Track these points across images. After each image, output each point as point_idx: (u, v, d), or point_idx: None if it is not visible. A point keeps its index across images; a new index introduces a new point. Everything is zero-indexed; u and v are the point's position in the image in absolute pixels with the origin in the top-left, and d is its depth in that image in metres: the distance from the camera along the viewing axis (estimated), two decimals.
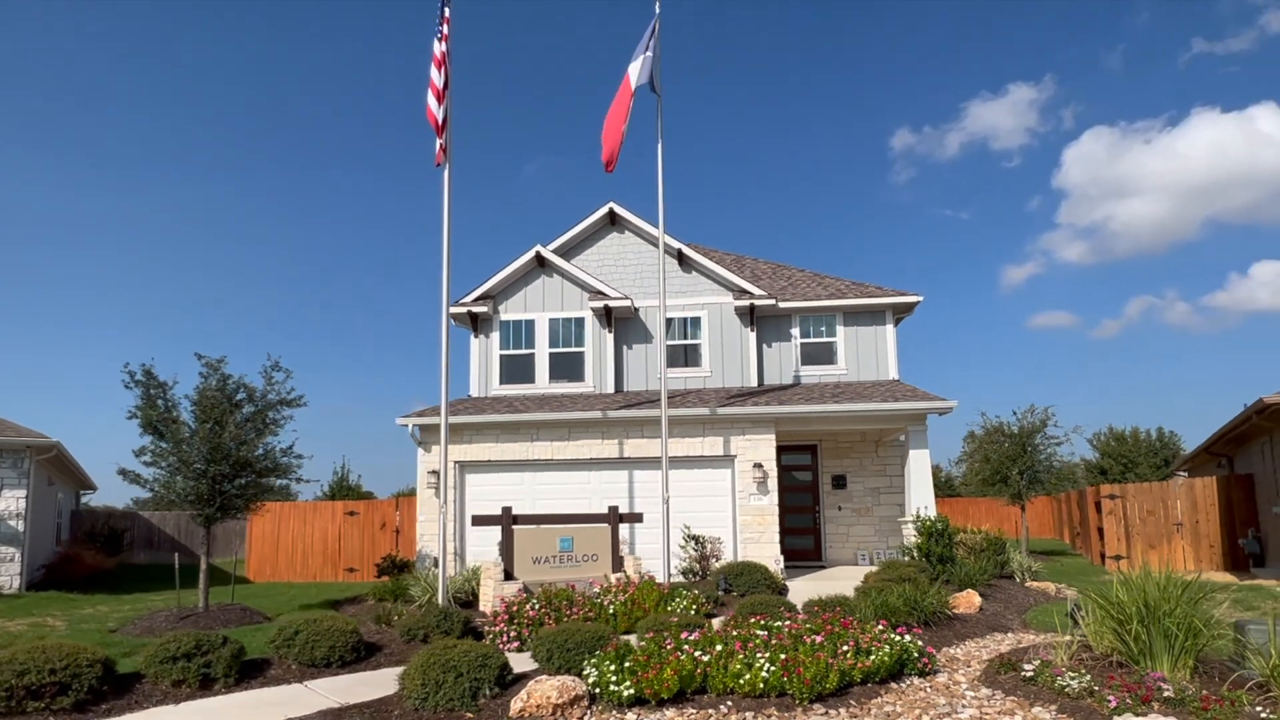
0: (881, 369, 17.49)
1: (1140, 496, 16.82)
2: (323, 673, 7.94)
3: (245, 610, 12.16)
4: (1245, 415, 13.08)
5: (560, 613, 9.50)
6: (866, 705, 6.47)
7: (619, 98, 13.05)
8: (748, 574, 11.63)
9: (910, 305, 17.76)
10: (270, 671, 7.85)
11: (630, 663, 6.57)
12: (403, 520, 18.57)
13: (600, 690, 6.49)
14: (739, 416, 14.61)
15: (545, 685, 6.44)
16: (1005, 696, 6.61)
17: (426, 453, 15.13)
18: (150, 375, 11.95)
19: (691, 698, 6.55)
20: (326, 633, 8.12)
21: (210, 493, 11.79)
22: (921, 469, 14.43)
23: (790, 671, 6.47)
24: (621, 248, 18.51)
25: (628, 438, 14.95)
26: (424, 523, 14.83)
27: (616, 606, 9.88)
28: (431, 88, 11.69)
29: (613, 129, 12.98)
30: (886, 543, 16.84)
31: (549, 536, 11.39)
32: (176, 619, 11.39)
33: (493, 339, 17.90)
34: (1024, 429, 20.97)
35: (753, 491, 14.38)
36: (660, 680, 6.40)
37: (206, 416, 11.81)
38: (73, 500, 26.28)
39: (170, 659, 7.23)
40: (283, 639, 8.11)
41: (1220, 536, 16.15)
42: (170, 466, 11.93)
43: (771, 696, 6.53)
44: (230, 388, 12.15)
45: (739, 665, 6.64)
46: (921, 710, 6.30)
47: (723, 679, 6.59)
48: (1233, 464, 18.19)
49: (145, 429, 11.83)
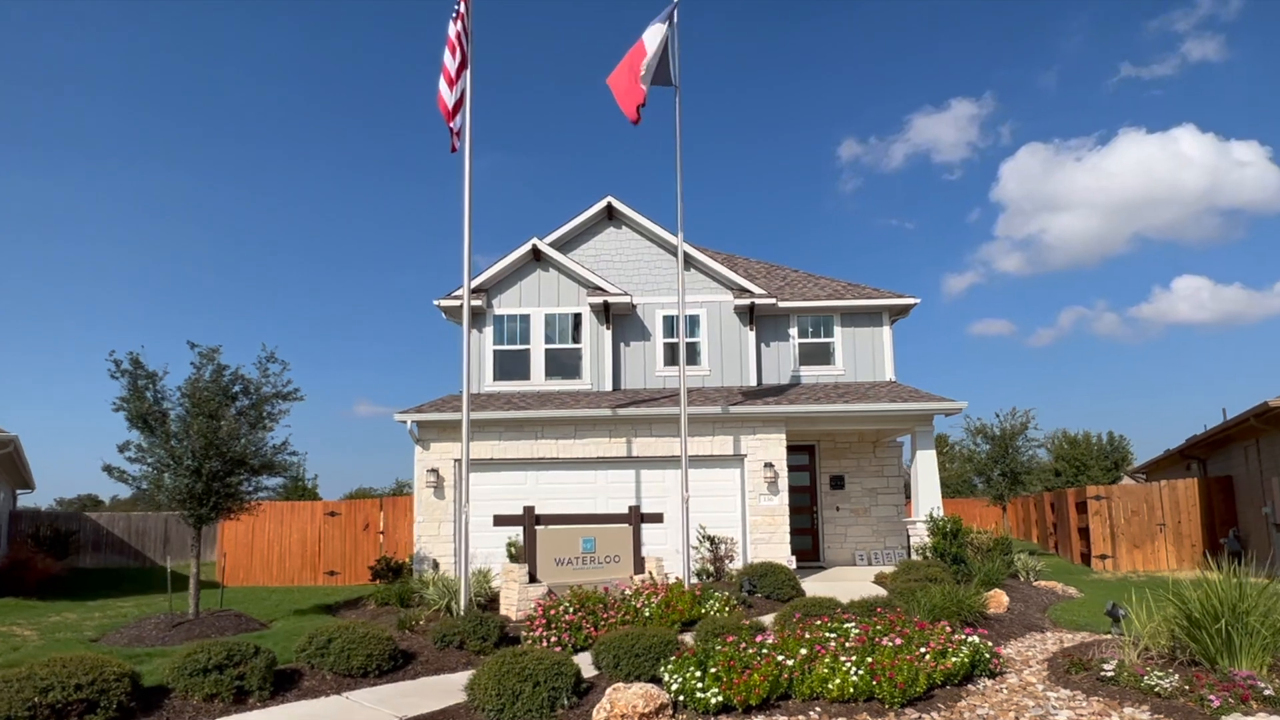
0: (878, 370, 17.56)
1: (1125, 497, 17.28)
2: (359, 683, 7.40)
3: (239, 617, 11.40)
4: (1242, 418, 13.51)
5: (596, 616, 9.12)
6: (955, 708, 6.31)
7: (632, 55, 12.55)
8: (771, 575, 11.43)
9: (906, 307, 17.88)
10: (304, 683, 7.27)
11: (715, 668, 6.26)
12: (387, 522, 17.83)
13: (685, 697, 6.17)
14: (750, 415, 14.44)
15: (627, 693, 6.08)
16: (1088, 696, 6.52)
17: (425, 450, 14.50)
18: (138, 364, 11.10)
19: (776, 704, 6.28)
20: (362, 640, 7.57)
21: (205, 491, 11.00)
22: (929, 469, 14.48)
23: (881, 675, 6.27)
24: (619, 243, 18.17)
25: (635, 436, 14.62)
26: (422, 524, 14.20)
27: (652, 609, 9.55)
28: (444, 72, 11.17)
29: (629, 82, 12.48)
30: (884, 543, 16.89)
31: (571, 537, 10.98)
32: (168, 626, 10.58)
33: (486, 334, 17.34)
34: (1005, 431, 21.46)
35: (763, 491, 14.21)
36: (750, 686, 6.12)
37: (200, 409, 11.02)
38: (11, 500, 24.53)
39: (201, 671, 6.62)
40: (314, 648, 7.53)
41: (1201, 536, 16.69)
42: (158, 462, 11.10)
43: (859, 701, 6.31)
44: (226, 379, 11.38)
45: (824, 670, 6.41)
46: (1016, 713, 6.16)
47: (809, 684, 6.34)
48: (1205, 467, 18.87)
49: (133, 423, 10.97)
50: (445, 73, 11.03)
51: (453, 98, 11.09)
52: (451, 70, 11.00)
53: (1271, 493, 13.73)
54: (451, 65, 11.04)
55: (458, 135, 11.09)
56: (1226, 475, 16.84)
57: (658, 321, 17.61)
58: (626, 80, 12.26)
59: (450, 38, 11.19)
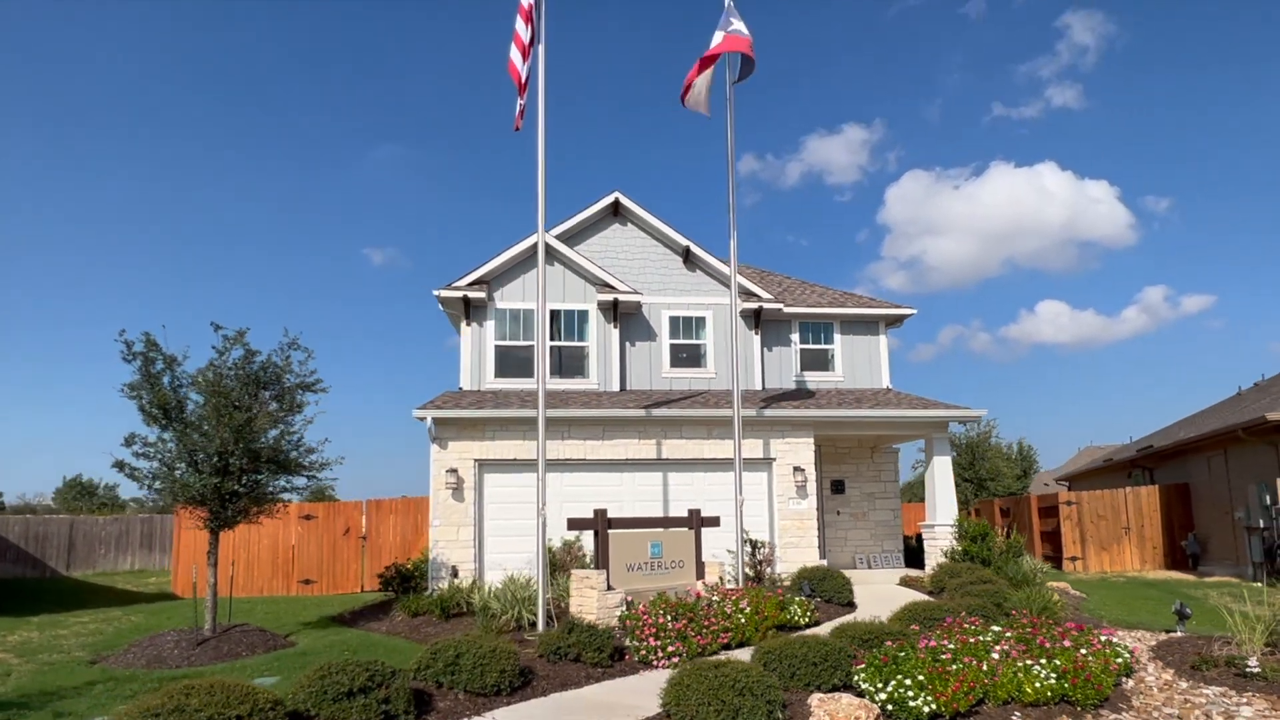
0: (875, 377, 17.94)
1: (1094, 503, 18.43)
2: (493, 702, 6.72)
3: (263, 633, 10.21)
4: (1229, 429, 14.67)
5: (699, 624, 8.74)
6: (1134, 707, 6.39)
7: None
8: (830, 579, 11.38)
9: (901, 317, 18.38)
10: (438, 704, 6.53)
11: (921, 676, 6.07)
12: (370, 525, 16.56)
13: (894, 707, 5.93)
14: (780, 419, 14.37)
15: (840, 704, 5.81)
16: (1239, 693, 6.77)
17: (442, 450, 13.55)
18: (154, 346, 9.75)
19: (975, 709, 6.16)
20: (493, 656, 6.88)
21: (231, 492, 9.79)
22: (945, 475, 14.88)
23: (1077, 677, 6.27)
24: (624, 240, 17.73)
25: (665, 438, 14.24)
26: (439, 527, 13.23)
27: (746, 616, 9.26)
28: (515, 40, 10.50)
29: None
30: (881, 546, 17.25)
31: (640, 542, 10.51)
32: (191, 644, 9.32)
33: (487, 328, 16.48)
34: (971, 440, 22.49)
35: (792, 495, 14.17)
36: (963, 695, 5.96)
37: (227, 398, 9.80)
38: None
39: (345, 695, 5.81)
40: (441, 664, 6.78)
41: (1162, 539, 18.03)
42: (170, 457, 9.79)
43: (1054, 704, 6.29)
44: (256, 366, 10.19)
45: (1019, 674, 6.34)
46: (1200, 710, 6.30)
47: (1006, 688, 6.26)
48: (1153, 475, 20.42)
49: (148, 413, 9.62)
50: (517, 39, 10.36)
51: (524, 70, 10.43)
52: (525, 38, 10.35)
53: (1247, 498, 14.99)
54: (524, 32, 10.38)
55: (523, 113, 10.44)
56: (1183, 483, 18.27)
57: (664, 322, 17.30)
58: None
59: (524, 4, 10.51)
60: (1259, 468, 14.59)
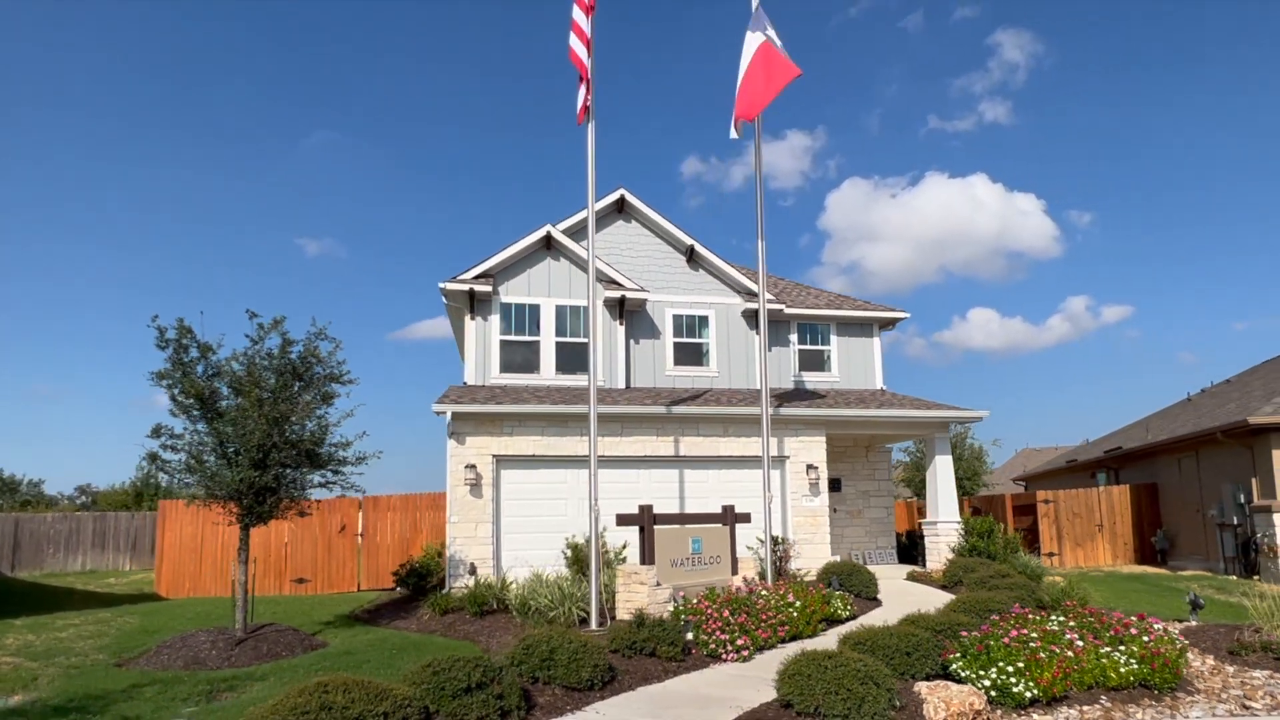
0: (869, 378, 18.38)
1: (1069, 501, 19.31)
2: (588, 697, 6.67)
3: (296, 632, 9.85)
4: (1208, 431, 15.57)
5: (756, 618, 8.84)
6: (1204, 691, 6.78)
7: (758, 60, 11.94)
8: (856, 574, 11.63)
9: (894, 320, 18.89)
10: (537, 698, 6.44)
11: (1022, 664, 6.29)
12: (367, 523, 16.11)
13: (997, 693, 6.15)
14: (794, 418, 14.60)
15: (955, 692, 5.98)
16: None
17: (460, 445, 13.29)
18: (188, 332, 9.30)
19: (1064, 695, 6.43)
20: (586, 651, 6.83)
21: (267, 486, 9.41)
22: (947, 473, 15.37)
23: (1156, 663, 6.60)
24: (629, 237, 17.73)
25: (683, 435, 14.29)
26: (456, 524, 12.97)
27: (798, 610, 9.40)
28: (575, 30, 10.40)
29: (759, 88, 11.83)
30: (875, 543, 17.69)
31: (682, 538, 10.54)
32: (229, 645, 8.93)
33: (491, 322, 16.25)
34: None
35: (805, 493, 14.41)
36: (1061, 681, 6.22)
37: (264, 388, 9.42)
38: None
39: (463, 691, 5.69)
40: (536, 660, 6.70)
41: (1132, 536, 19.02)
42: (201, 450, 9.36)
43: (1133, 687, 6.60)
44: (294, 355, 9.83)
45: (1103, 660, 6.64)
46: (1263, 690, 6.72)
47: (1092, 674, 6.55)
48: (1118, 476, 21.52)
49: (182, 404, 9.17)
50: (577, 29, 10.27)
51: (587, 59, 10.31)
52: (586, 31, 10.25)
53: (1220, 497, 15.96)
54: (585, 24, 10.28)
55: (587, 109, 10.35)
56: (1152, 483, 19.32)
57: (668, 320, 17.36)
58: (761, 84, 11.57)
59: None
60: (1234, 469, 15.56)
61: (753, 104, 11.45)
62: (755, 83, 11.41)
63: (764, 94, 11.20)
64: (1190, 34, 61.96)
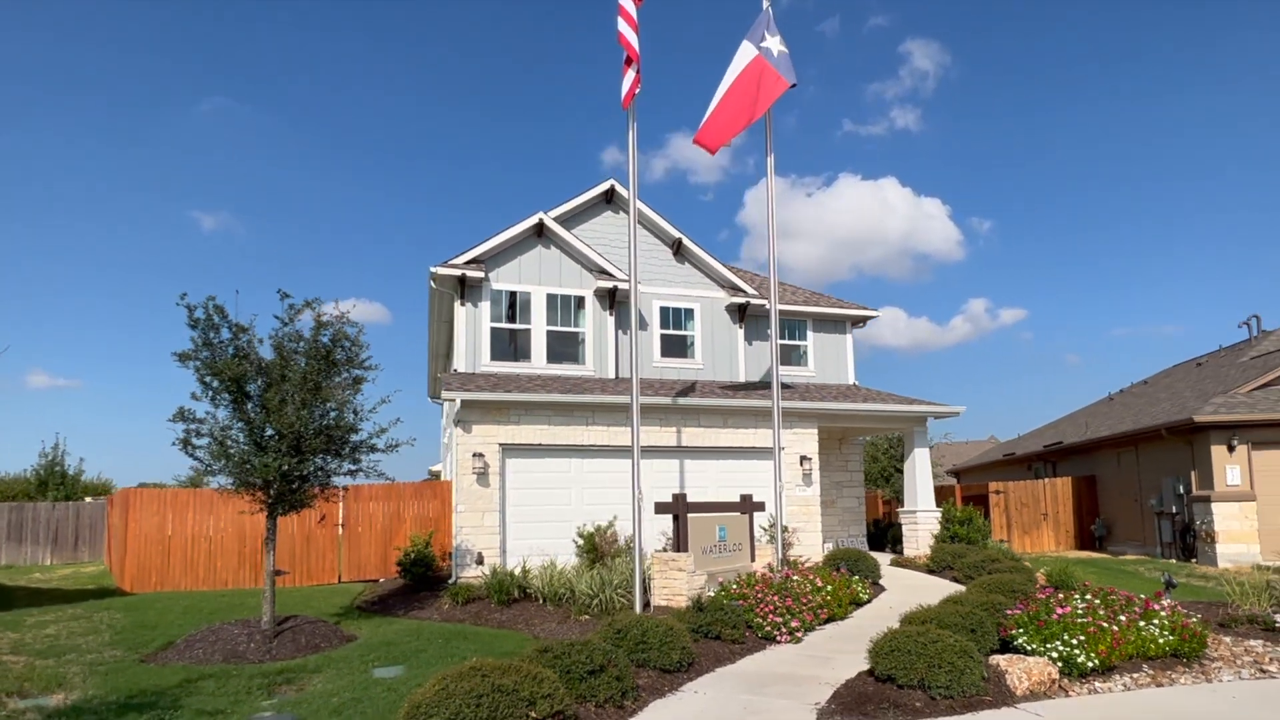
0: (841, 373, 19.12)
1: (1018, 492, 20.66)
2: (678, 678, 6.87)
3: (324, 624, 9.55)
4: (1153, 428, 16.98)
5: (799, 602, 9.19)
6: (1221, 658, 7.55)
7: (747, 75, 12.39)
8: (863, 560, 12.18)
9: (865, 318, 19.70)
10: (639, 680, 6.56)
11: (1084, 636, 6.86)
12: (348, 513, 15.59)
13: (1064, 664, 6.69)
14: (789, 410, 15.05)
15: (1032, 664, 6.49)
16: (1276, 644, 8.13)
17: (466, 433, 13.09)
18: (220, 312, 8.85)
19: (1113, 666, 7.04)
20: (672, 635, 7.01)
21: (300, 474, 9.09)
22: (925, 466, 16.22)
23: (1186, 634, 7.32)
24: (616, 228, 17.78)
25: (684, 426, 14.52)
26: (463, 513, 12.79)
27: (830, 593, 9.82)
28: (622, 13, 10.39)
29: (736, 111, 12.35)
30: (847, 531, 18.45)
31: (709, 525, 10.79)
32: (266, 638, 8.61)
33: (482, 309, 16.03)
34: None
35: (798, 483, 14.91)
36: (1116, 652, 6.82)
37: (295, 371, 9.07)
38: None
39: (588, 674, 5.78)
40: (631, 643, 6.82)
41: (1074, 524, 20.53)
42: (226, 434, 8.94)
43: (1167, 656, 7.30)
44: (326, 338, 9.49)
45: (1144, 634, 7.30)
46: (1269, 656, 7.54)
47: (1135, 646, 7.19)
48: (1055, 468, 23.15)
49: (214, 387, 8.72)
50: (624, 12, 10.27)
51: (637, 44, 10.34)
52: (632, 12, 10.26)
53: (1160, 488, 17.47)
54: (629, 4, 10.30)
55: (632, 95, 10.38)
56: (1090, 475, 20.90)
57: (655, 312, 17.55)
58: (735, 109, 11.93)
59: None
60: (1173, 462, 17.07)
61: (723, 130, 11.80)
62: (735, 105, 11.77)
63: (739, 119, 11.63)
64: (1083, 48, 66.43)
